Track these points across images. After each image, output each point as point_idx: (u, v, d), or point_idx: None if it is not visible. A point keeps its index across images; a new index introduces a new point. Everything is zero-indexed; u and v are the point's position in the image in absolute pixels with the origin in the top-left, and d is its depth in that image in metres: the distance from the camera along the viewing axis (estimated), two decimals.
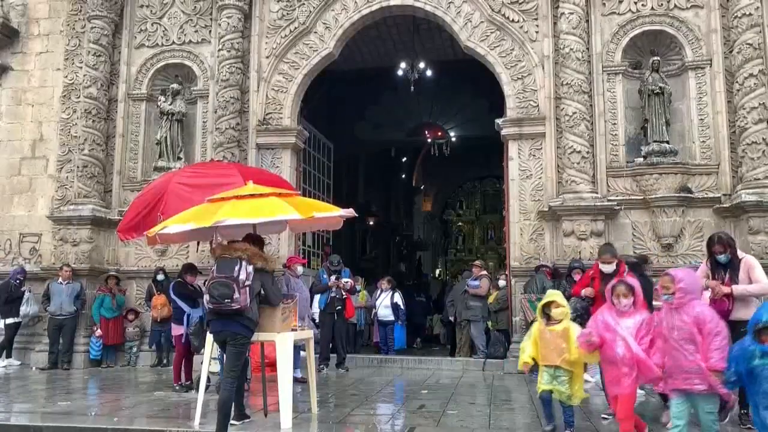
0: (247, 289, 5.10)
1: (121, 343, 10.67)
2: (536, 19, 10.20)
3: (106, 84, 11.15)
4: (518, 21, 10.25)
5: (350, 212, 6.20)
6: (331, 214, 6.21)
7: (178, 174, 8.03)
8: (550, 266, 9.34)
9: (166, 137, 10.90)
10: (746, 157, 8.95)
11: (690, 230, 9.29)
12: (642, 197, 9.45)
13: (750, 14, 9.14)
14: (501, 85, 10.32)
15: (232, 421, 5.34)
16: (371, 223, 21.69)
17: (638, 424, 4.87)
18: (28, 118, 11.69)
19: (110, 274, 10.64)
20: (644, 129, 9.66)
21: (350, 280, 10.18)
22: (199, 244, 8.93)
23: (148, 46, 11.33)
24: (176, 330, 7.89)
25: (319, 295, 9.95)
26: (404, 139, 19.79)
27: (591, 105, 9.71)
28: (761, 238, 8.74)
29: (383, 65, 14.56)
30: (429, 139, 19.36)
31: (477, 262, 11.84)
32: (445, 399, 7.13)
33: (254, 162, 10.62)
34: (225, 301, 5.05)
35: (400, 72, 14.43)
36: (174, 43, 11.24)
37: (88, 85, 10.99)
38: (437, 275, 26.67)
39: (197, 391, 6.23)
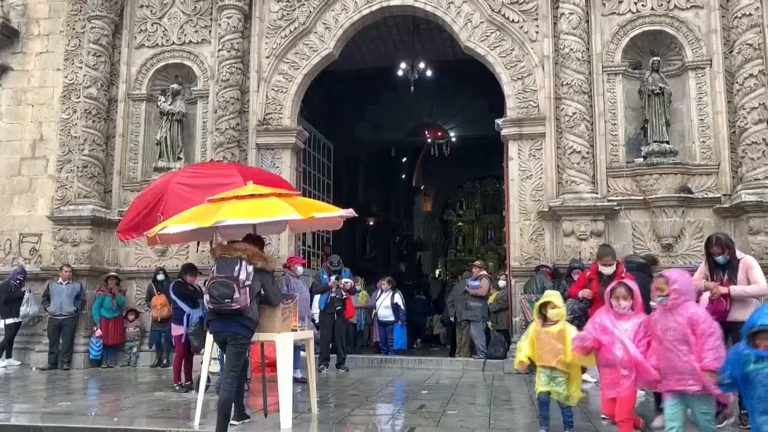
0: (247, 289, 5.10)
1: (121, 344, 10.67)
2: (536, 19, 10.20)
3: (106, 84, 11.15)
4: (518, 21, 10.25)
5: (350, 212, 6.19)
6: (331, 214, 6.21)
7: (178, 174, 8.02)
8: (550, 266, 9.34)
9: (166, 137, 10.90)
10: (746, 158, 8.95)
11: (690, 230, 9.29)
12: (642, 197, 9.45)
13: (750, 14, 9.15)
14: (501, 85, 10.33)
15: (232, 422, 5.34)
16: (371, 223, 21.68)
17: (635, 421, 4.87)
18: (28, 118, 11.69)
19: (110, 274, 10.63)
20: (644, 129, 9.66)
21: (350, 281, 10.18)
22: (199, 244, 8.92)
23: (148, 47, 11.33)
24: (176, 330, 7.90)
25: (319, 296, 9.95)
26: (404, 139, 19.78)
27: (591, 105, 9.72)
28: (761, 238, 8.74)
29: (383, 65, 14.56)
30: (429, 139, 19.35)
31: (477, 263, 11.86)
32: (445, 399, 7.13)
33: (254, 162, 10.62)
34: (225, 301, 5.04)
35: (400, 72, 14.43)
36: (174, 43, 11.24)
37: (88, 85, 10.99)
38: (437, 275, 26.64)
39: (197, 391, 6.23)
